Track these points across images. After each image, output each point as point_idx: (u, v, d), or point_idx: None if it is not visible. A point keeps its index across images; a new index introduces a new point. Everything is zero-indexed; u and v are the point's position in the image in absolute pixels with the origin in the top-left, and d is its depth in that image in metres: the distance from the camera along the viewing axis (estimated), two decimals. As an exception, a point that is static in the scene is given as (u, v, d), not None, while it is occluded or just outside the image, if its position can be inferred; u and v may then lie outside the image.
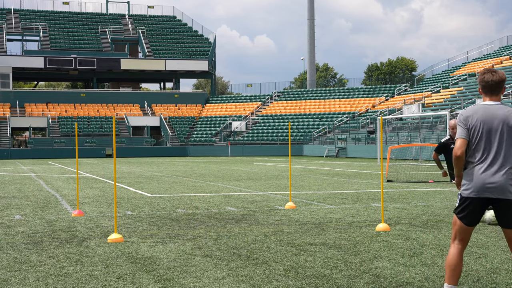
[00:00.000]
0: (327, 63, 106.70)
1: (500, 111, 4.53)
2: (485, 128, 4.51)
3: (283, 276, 5.76)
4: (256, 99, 67.08)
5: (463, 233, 4.62)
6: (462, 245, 4.64)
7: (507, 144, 4.51)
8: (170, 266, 6.19)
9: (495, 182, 4.46)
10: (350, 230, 8.53)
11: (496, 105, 4.57)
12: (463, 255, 4.65)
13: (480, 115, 4.55)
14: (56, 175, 23.17)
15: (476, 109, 4.60)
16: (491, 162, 4.49)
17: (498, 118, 4.52)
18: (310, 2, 72.16)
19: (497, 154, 4.50)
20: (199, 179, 20.04)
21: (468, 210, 4.57)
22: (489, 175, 4.48)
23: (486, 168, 4.49)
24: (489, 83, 4.59)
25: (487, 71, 4.62)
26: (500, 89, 4.60)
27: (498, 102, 4.60)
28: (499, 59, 53.42)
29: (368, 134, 47.09)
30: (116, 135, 54.04)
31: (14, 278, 5.76)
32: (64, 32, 68.78)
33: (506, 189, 4.47)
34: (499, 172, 4.47)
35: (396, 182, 17.87)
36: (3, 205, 12.09)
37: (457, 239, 4.65)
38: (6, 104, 59.63)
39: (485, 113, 4.54)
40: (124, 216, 10.29)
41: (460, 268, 4.60)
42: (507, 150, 4.51)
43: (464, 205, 4.57)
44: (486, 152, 4.52)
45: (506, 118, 4.51)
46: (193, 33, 73.61)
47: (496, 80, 4.57)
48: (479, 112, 4.56)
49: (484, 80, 4.61)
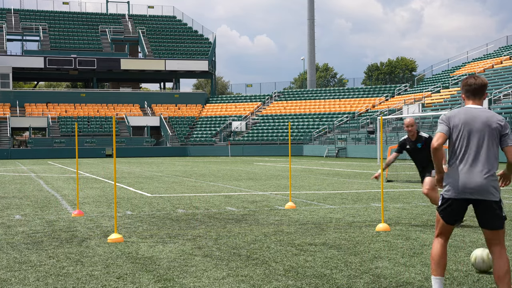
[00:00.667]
0: (327, 63, 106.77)
1: (483, 114, 4.64)
2: (466, 129, 4.62)
3: (283, 276, 5.76)
4: (256, 99, 67.08)
5: (445, 230, 4.79)
6: (444, 240, 4.81)
7: (488, 146, 4.59)
8: (170, 266, 6.19)
9: (475, 183, 4.55)
10: (350, 230, 8.54)
11: (478, 109, 4.69)
12: (446, 248, 4.83)
13: (462, 116, 4.66)
14: (56, 175, 23.18)
15: (459, 110, 4.72)
16: (471, 163, 4.59)
17: (480, 120, 4.61)
18: (310, 2, 72.15)
19: (477, 156, 4.59)
20: (199, 179, 20.04)
21: (450, 210, 4.70)
22: (469, 176, 4.57)
23: (467, 169, 4.59)
24: (472, 87, 4.72)
25: (470, 77, 4.76)
26: (482, 93, 4.73)
27: (480, 106, 4.72)
28: (499, 59, 53.41)
29: (368, 134, 47.09)
30: (116, 135, 54.03)
31: (14, 278, 5.76)
32: (64, 32, 68.79)
33: (486, 190, 4.55)
34: (480, 174, 4.56)
35: (396, 182, 17.87)
36: (3, 205, 12.09)
37: (440, 234, 4.81)
38: (6, 104, 59.62)
39: (467, 115, 4.65)
40: (124, 216, 10.29)
41: (444, 260, 4.76)
42: (488, 152, 4.59)
43: (446, 205, 4.71)
44: (467, 153, 4.61)
45: (488, 121, 4.61)
46: (193, 33, 73.61)
47: (478, 84, 4.70)
48: (462, 114, 4.67)
49: (467, 84, 4.74)
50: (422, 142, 9.04)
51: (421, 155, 9.09)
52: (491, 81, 48.14)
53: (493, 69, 51.82)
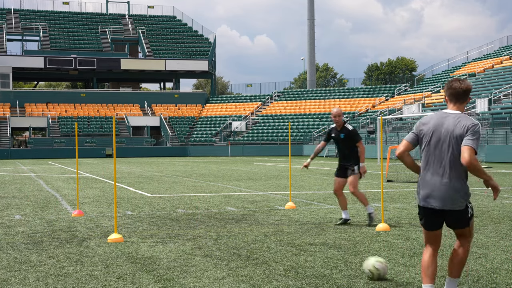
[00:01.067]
0: (327, 63, 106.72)
1: (452, 120, 4.52)
2: (434, 136, 4.55)
3: (283, 276, 5.76)
4: (256, 99, 67.07)
5: (430, 237, 4.69)
6: (433, 248, 4.70)
7: (452, 154, 4.47)
8: (170, 266, 6.19)
9: (439, 193, 4.50)
10: (350, 230, 8.54)
11: (452, 114, 4.57)
12: (436, 257, 4.72)
13: (432, 124, 4.59)
14: (56, 175, 23.17)
15: (432, 116, 4.67)
16: (435, 172, 4.52)
17: (447, 127, 4.52)
18: (310, 2, 72.14)
19: (441, 164, 4.50)
20: (199, 179, 20.04)
21: (425, 217, 4.66)
22: (432, 185, 4.52)
23: (431, 178, 4.54)
24: (456, 91, 4.61)
25: (455, 80, 4.66)
26: (465, 98, 4.62)
27: (460, 111, 4.60)
28: (499, 59, 53.40)
29: (368, 134, 47.08)
30: (116, 135, 54.01)
31: (14, 278, 5.76)
32: (64, 32, 68.78)
33: (450, 199, 4.48)
34: (442, 183, 4.49)
35: (396, 182, 17.86)
36: (3, 205, 12.09)
37: (428, 242, 4.73)
38: (6, 104, 59.61)
39: (437, 122, 4.57)
40: (124, 216, 10.29)
41: (432, 269, 4.65)
42: (452, 161, 4.47)
43: (421, 213, 4.68)
44: (432, 161, 4.55)
45: (454, 127, 4.49)
46: (193, 33, 73.61)
47: (463, 88, 4.59)
48: (433, 120, 4.61)
49: (452, 87, 4.63)
50: (344, 133, 9.25)
51: (343, 145, 9.32)
52: (491, 81, 48.16)
53: (493, 69, 51.81)
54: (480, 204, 11.56)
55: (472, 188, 15.88)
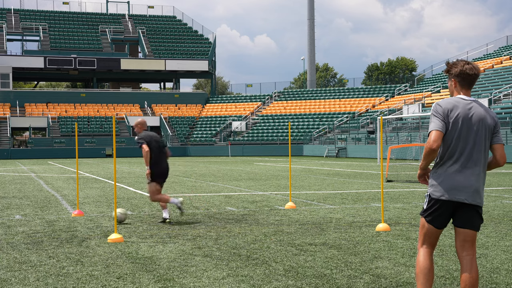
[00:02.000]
0: (327, 63, 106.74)
1: (479, 108, 4.20)
2: (464, 125, 4.15)
3: (283, 276, 5.75)
4: (256, 99, 67.07)
5: (432, 236, 4.30)
6: (431, 249, 4.33)
7: (484, 145, 4.19)
8: (170, 266, 6.19)
9: (469, 186, 4.14)
10: (350, 230, 8.53)
11: (473, 102, 4.22)
12: (433, 261, 4.35)
13: (461, 111, 4.16)
14: (56, 175, 23.17)
15: (455, 103, 4.20)
16: (465, 164, 4.15)
17: (478, 115, 4.17)
18: (310, 2, 72.14)
19: (471, 156, 4.16)
20: (199, 179, 20.04)
21: (438, 212, 4.22)
22: (463, 178, 4.14)
23: (460, 170, 4.15)
24: (471, 76, 4.22)
25: (465, 62, 4.24)
26: (475, 82, 4.28)
27: (472, 98, 4.26)
28: (499, 59, 53.41)
29: (368, 134, 47.08)
30: (116, 135, 54.03)
31: (14, 278, 5.76)
32: (64, 32, 68.77)
33: (478, 194, 4.18)
34: (473, 175, 4.16)
35: (396, 182, 17.86)
36: (3, 205, 12.09)
37: (426, 242, 4.32)
38: (6, 104, 59.60)
39: (465, 110, 4.17)
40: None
41: (432, 273, 4.27)
42: (483, 152, 4.19)
43: (435, 207, 4.22)
44: (461, 152, 4.16)
45: (484, 116, 4.20)
46: (193, 33, 73.60)
47: (477, 73, 4.22)
48: (460, 107, 4.17)
49: (465, 73, 4.21)
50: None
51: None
52: (491, 81, 48.16)
53: (493, 69, 51.82)
54: (480, 204, 11.55)
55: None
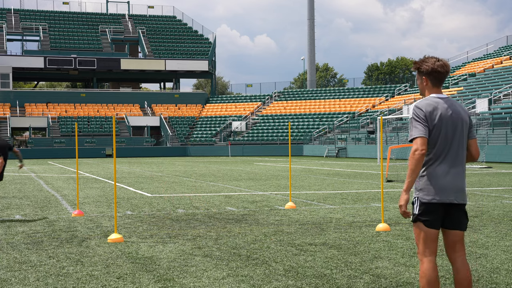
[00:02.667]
0: (327, 63, 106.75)
1: (456, 107, 4.10)
2: (447, 125, 4.04)
3: (283, 276, 5.75)
4: (256, 99, 67.06)
5: (432, 240, 4.09)
6: (434, 257, 4.12)
7: (463, 143, 4.11)
8: (170, 266, 6.19)
9: (457, 186, 4.05)
10: (350, 230, 8.53)
11: (449, 99, 4.11)
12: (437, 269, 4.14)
13: (441, 111, 4.04)
14: (56, 175, 23.17)
15: (434, 103, 4.07)
16: (452, 164, 4.05)
17: (457, 114, 4.08)
18: (310, 2, 72.13)
19: (457, 155, 4.07)
20: (199, 179, 20.04)
21: (432, 215, 4.05)
22: (451, 178, 4.03)
23: (448, 170, 4.03)
24: (442, 74, 4.09)
25: (436, 60, 4.12)
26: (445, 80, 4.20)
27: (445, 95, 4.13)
28: (499, 59, 53.41)
29: (368, 134, 47.08)
30: (116, 135, 54.01)
31: (14, 278, 5.76)
32: (64, 32, 68.77)
33: (463, 192, 4.09)
34: (459, 174, 4.07)
35: (396, 182, 17.86)
36: (3, 205, 12.09)
37: (428, 250, 4.10)
38: (6, 104, 59.60)
39: (445, 109, 4.05)
40: (124, 216, 10.29)
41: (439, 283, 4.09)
42: (463, 150, 4.11)
43: (427, 211, 4.05)
44: (447, 152, 4.05)
45: (462, 115, 4.10)
46: (193, 33, 73.60)
47: (448, 70, 4.12)
48: (439, 108, 4.05)
49: (437, 70, 4.08)
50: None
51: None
52: (491, 81, 48.16)
53: (493, 69, 51.82)
54: (480, 204, 11.56)
55: (472, 188, 15.86)
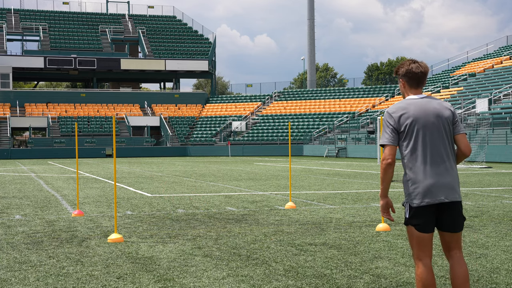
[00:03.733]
0: (327, 63, 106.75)
1: (431, 104, 4.09)
2: (420, 125, 4.01)
3: (283, 276, 5.75)
4: (256, 99, 67.06)
5: (425, 244, 4.03)
6: (430, 260, 4.06)
7: (444, 140, 4.05)
8: (170, 266, 6.19)
9: (443, 183, 3.98)
10: (350, 230, 8.53)
11: (424, 99, 4.11)
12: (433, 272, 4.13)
13: (412, 112, 4.04)
14: (56, 175, 23.17)
15: (405, 105, 4.09)
16: (433, 162, 4.00)
17: (432, 112, 4.05)
18: (310, 2, 72.13)
19: (437, 152, 4.01)
20: (199, 179, 20.04)
21: (423, 219, 4.00)
22: (435, 177, 3.98)
23: (430, 169, 3.99)
24: (417, 75, 4.12)
25: (412, 62, 4.17)
26: (424, 81, 4.17)
27: (423, 95, 4.14)
28: (499, 59, 53.41)
29: (368, 134, 47.08)
30: (116, 135, 54.04)
31: (14, 278, 5.76)
32: (64, 32, 68.77)
33: (453, 189, 4.01)
34: (444, 172, 4.00)
35: (396, 182, 17.87)
36: (3, 205, 12.09)
37: (422, 254, 4.04)
38: (6, 104, 59.60)
39: (417, 109, 4.05)
40: (124, 216, 10.29)
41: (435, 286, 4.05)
42: (444, 146, 4.04)
43: (418, 215, 4.00)
44: (426, 152, 4.01)
45: (440, 111, 4.07)
46: (193, 33, 73.61)
47: (424, 71, 4.12)
48: (411, 109, 4.05)
49: (411, 71, 4.12)
50: None
51: None
52: (491, 81, 48.15)
53: (493, 69, 51.82)
54: (480, 204, 11.56)
55: (472, 188, 15.86)
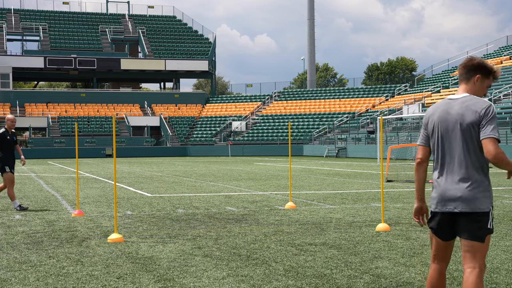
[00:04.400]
0: (327, 63, 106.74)
1: (457, 107, 3.84)
2: (441, 130, 3.89)
3: (283, 276, 5.75)
4: (256, 99, 67.06)
5: (440, 249, 4.00)
6: (443, 264, 4.01)
7: (463, 147, 3.81)
8: (170, 266, 6.19)
9: (456, 194, 3.82)
10: (350, 230, 8.53)
11: (459, 99, 3.88)
12: (445, 276, 4.04)
13: (437, 116, 3.92)
14: (56, 175, 23.17)
15: (437, 107, 3.98)
16: (448, 170, 3.86)
17: (453, 116, 3.84)
18: (310, 2, 72.12)
19: (453, 160, 3.85)
20: (199, 179, 20.04)
21: (438, 224, 3.98)
22: (448, 186, 3.85)
23: (445, 178, 3.87)
24: (463, 68, 3.96)
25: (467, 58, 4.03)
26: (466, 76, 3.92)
27: (467, 93, 3.91)
28: (499, 59, 53.41)
29: (368, 134, 47.08)
30: (116, 135, 54.02)
31: (14, 278, 5.76)
32: (64, 32, 68.77)
33: (468, 200, 3.79)
34: (459, 181, 3.81)
35: (396, 182, 17.86)
36: (3, 205, 12.09)
37: (437, 257, 4.03)
38: (6, 104, 59.60)
39: (443, 112, 3.90)
40: (124, 216, 10.29)
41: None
42: (463, 154, 3.81)
43: (432, 219, 4.02)
44: (443, 158, 3.89)
45: (461, 115, 3.81)
46: (193, 33, 73.61)
47: (468, 63, 3.91)
48: (437, 112, 3.94)
49: (460, 66, 3.98)
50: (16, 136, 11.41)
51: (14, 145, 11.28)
52: (491, 81, 48.13)
53: (493, 69, 51.76)
54: (480, 204, 11.54)
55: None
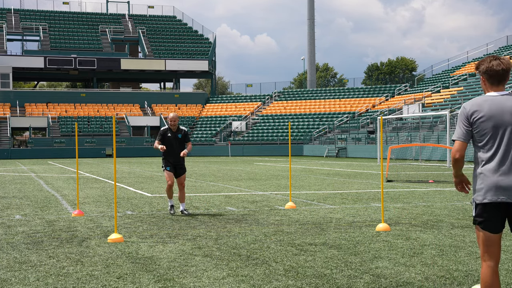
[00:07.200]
0: (327, 63, 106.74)
1: (509, 102, 4.04)
2: (493, 123, 4.01)
3: (283, 276, 5.75)
4: (256, 99, 67.07)
5: (491, 244, 4.05)
6: (494, 261, 4.06)
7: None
8: (170, 266, 6.19)
9: (510, 184, 3.96)
10: (350, 230, 8.53)
11: (504, 96, 4.08)
12: (498, 275, 4.09)
13: (487, 110, 4.03)
14: (56, 175, 23.17)
15: (481, 102, 4.08)
16: (502, 162, 4.00)
17: (509, 110, 4.01)
18: (310, 2, 72.11)
19: (508, 152, 4.00)
20: (199, 179, 20.04)
21: (487, 217, 4.04)
22: (502, 177, 3.98)
23: (498, 169, 3.99)
24: (498, 72, 4.08)
25: (493, 58, 4.13)
26: (507, 77, 4.11)
27: (505, 92, 4.11)
28: (499, 59, 53.36)
29: (368, 134, 47.09)
30: (116, 135, 54.02)
31: (14, 278, 5.76)
32: (64, 32, 68.78)
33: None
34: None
35: (396, 182, 17.86)
36: (3, 205, 12.09)
37: (487, 254, 4.06)
38: (6, 104, 59.61)
39: (493, 106, 4.03)
40: (124, 216, 10.29)
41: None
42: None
43: (482, 212, 4.07)
44: (496, 150, 4.02)
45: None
46: (193, 33, 73.62)
47: (506, 68, 4.07)
48: (486, 106, 4.04)
49: (492, 69, 4.08)
50: (181, 133, 10.57)
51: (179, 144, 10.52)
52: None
53: (493, 69, 51.77)
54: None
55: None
